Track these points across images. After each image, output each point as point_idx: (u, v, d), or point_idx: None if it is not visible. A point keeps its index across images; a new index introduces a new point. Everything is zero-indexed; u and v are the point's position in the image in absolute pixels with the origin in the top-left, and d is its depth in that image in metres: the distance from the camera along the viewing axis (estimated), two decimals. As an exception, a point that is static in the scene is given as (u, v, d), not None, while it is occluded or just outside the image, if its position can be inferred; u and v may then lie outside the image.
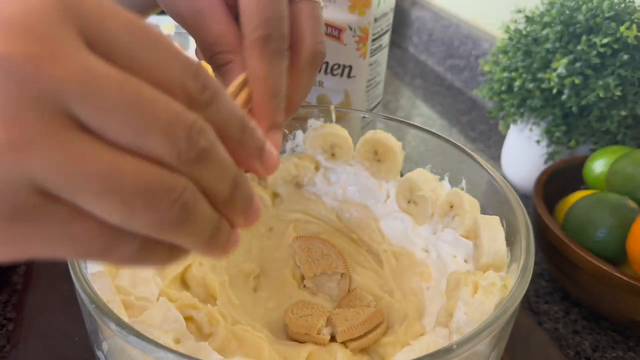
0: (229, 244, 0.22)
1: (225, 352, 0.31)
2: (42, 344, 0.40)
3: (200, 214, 0.19)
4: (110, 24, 0.18)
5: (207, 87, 0.20)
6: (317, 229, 0.43)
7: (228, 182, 0.20)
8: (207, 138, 0.19)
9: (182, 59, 0.19)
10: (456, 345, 0.26)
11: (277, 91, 0.31)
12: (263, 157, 0.23)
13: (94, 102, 0.17)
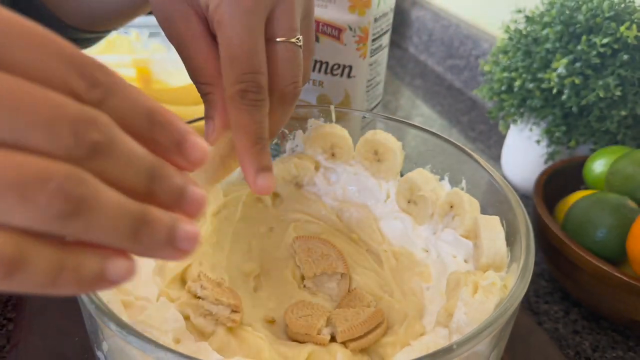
0: (179, 240, 0.20)
1: (225, 352, 0.31)
2: (42, 343, 0.40)
3: (103, 205, 0.17)
4: None
5: (96, 85, 0.18)
6: (317, 229, 0.43)
7: (140, 174, 0.19)
8: (100, 131, 0.17)
9: (68, 56, 0.18)
10: (456, 345, 0.26)
11: (258, 138, 0.31)
12: (183, 150, 0.21)
13: None
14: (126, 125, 0.19)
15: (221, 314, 0.32)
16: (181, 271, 0.36)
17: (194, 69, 0.34)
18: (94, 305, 0.27)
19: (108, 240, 0.18)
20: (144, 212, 0.19)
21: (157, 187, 0.19)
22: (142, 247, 0.19)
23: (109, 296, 0.30)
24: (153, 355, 0.25)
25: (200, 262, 0.37)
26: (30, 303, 0.44)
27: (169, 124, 0.20)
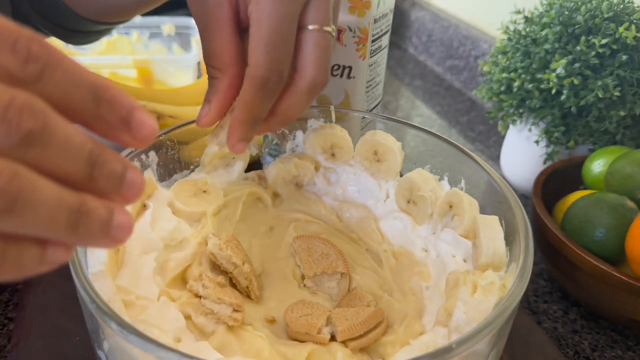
0: (113, 229, 0.19)
1: (226, 351, 0.31)
2: (43, 343, 0.40)
3: (39, 200, 0.17)
4: None
5: (32, 59, 0.17)
6: (317, 229, 0.44)
7: (79, 161, 0.18)
8: (34, 118, 0.16)
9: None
10: (455, 345, 0.26)
11: (256, 118, 0.33)
12: (131, 128, 0.20)
13: None
14: (67, 102, 0.18)
15: (223, 313, 0.32)
16: (182, 271, 0.36)
17: (211, 52, 0.35)
18: (94, 304, 0.27)
19: (45, 234, 0.17)
20: (80, 204, 0.18)
21: (96, 173, 0.18)
22: (78, 238, 0.18)
23: (109, 296, 0.30)
24: (154, 354, 0.25)
25: (201, 262, 0.37)
26: (31, 303, 0.44)
27: (114, 100, 0.19)
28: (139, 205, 0.39)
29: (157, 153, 0.42)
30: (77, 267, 0.29)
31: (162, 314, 0.31)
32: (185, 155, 0.45)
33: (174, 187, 0.42)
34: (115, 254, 0.34)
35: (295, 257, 0.40)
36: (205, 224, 0.40)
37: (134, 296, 0.32)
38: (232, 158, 0.46)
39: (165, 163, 0.44)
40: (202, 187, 0.42)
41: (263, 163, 0.52)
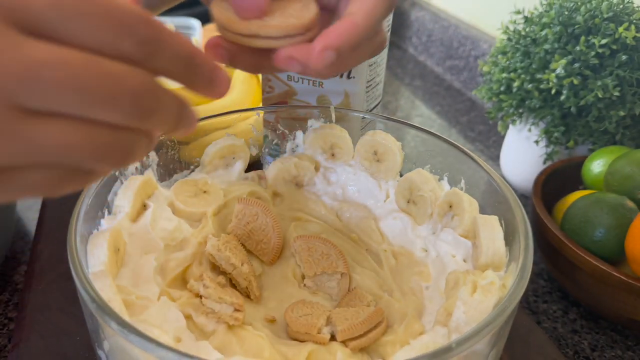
0: (219, 82, 0.25)
1: (226, 351, 0.31)
2: (43, 343, 0.41)
3: (167, 102, 0.22)
4: (35, 5, 0.18)
5: (145, 42, 0.20)
6: (317, 229, 0.44)
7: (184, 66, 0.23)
8: (155, 97, 0.21)
9: (116, 19, 0.20)
10: (455, 344, 0.26)
11: (360, 40, 0.32)
12: (214, 85, 0.25)
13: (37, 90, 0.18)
14: (169, 71, 0.22)
15: (224, 313, 0.32)
16: (182, 271, 0.36)
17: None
18: (95, 304, 0.27)
19: (162, 130, 0.23)
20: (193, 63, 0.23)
21: (196, 77, 0.24)
22: (198, 82, 0.24)
23: (110, 295, 0.30)
24: (154, 354, 0.25)
25: (201, 262, 0.37)
26: (31, 303, 0.44)
27: (203, 64, 0.24)
28: (140, 205, 0.39)
29: (157, 153, 0.42)
30: (78, 267, 0.29)
31: (163, 314, 0.31)
32: (186, 155, 0.45)
33: (174, 187, 0.42)
34: (116, 254, 0.34)
35: (295, 256, 0.41)
36: (205, 224, 0.40)
37: (134, 296, 0.32)
38: (232, 158, 0.46)
39: (166, 163, 0.44)
40: (203, 187, 0.43)
41: (263, 163, 0.52)
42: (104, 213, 0.37)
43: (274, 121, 0.50)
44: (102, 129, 0.20)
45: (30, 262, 0.49)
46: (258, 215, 0.41)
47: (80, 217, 0.33)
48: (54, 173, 0.21)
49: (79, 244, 0.31)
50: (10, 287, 0.51)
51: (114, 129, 0.21)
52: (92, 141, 0.20)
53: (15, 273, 0.52)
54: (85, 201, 0.34)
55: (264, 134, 0.51)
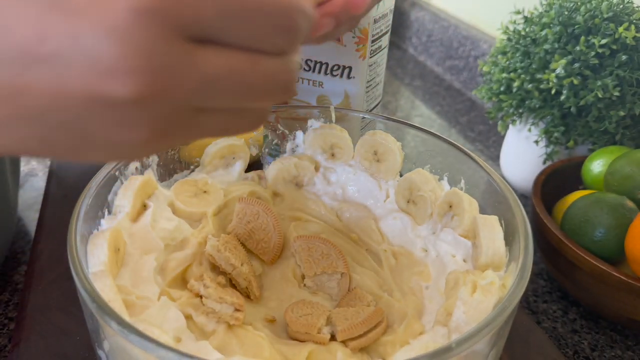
0: None
1: (226, 351, 0.31)
2: (44, 343, 0.41)
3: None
4: (205, 16, 0.20)
5: (291, 31, 0.22)
6: (317, 229, 0.44)
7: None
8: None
9: (271, 18, 0.21)
10: (455, 344, 0.26)
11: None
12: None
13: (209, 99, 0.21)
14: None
15: (224, 312, 0.32)
16: (182, 271, 0.36)
17: None
18: (95, 304, 0.27)
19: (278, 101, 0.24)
20: None
21: None
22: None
23: (110, 295, 0.30)
24: (154, 354, 0.25)
25: (201, 262, 0.37)
26: (32, 303, 0.44)
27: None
28: (140, 205, 0.39)
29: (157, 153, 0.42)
30: (78, 267, 0.29)
31: (163, 314, 0.31)
32: (186, 155, 0.45)
33: (174, 187, 0.42)
34: (116, 254, 0.34)
35: (295, 257, 0.41)
36: (205, 224, 0.40)
37: (134, 296, 0.32)
38: (232, 158, 0.46)
39: (166, 163, 0.44)
40: (203, 187, 0.43)
41: (263, 163, 0.52)
42: (104, 213, 0.37)
43: (274, 121, 0.50)
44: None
45: (30, 262, 0.49)
46: (259, 214, 0.41)
47: (80, 217, 0.33)
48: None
49: (79, 244, 0.31)
50: (10, 287, 0.51)
51: None
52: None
53: (15, 273, 0.52)
54: (85, 201, 0.34)
55: (264, 134, 0.51)
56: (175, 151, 0.44)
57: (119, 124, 0.21)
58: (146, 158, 0.42)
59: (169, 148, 0.25)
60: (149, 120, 0.21)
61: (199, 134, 0.23)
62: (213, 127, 0.23)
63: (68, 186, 0.59)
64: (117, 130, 0.21)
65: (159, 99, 0.20)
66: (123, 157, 0.23)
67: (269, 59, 0.22)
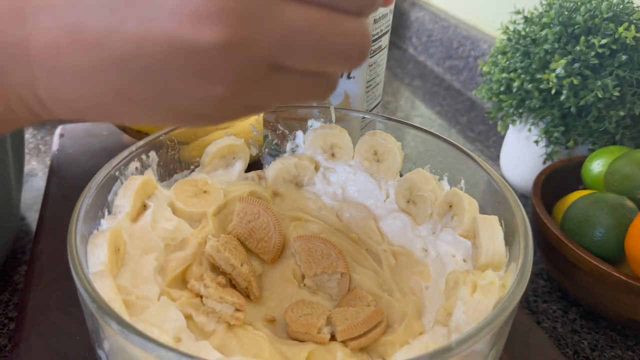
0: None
1: (226, 351, 0.31)
2: (44, 343, 0.41)
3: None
4: None
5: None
6: (317, 229, 0.44)
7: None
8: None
9: None
10: (455, 344, 0.26)
11: None
12: None
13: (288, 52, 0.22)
14: None
15: (225, 312, 0.32)
16: (182, 271, 0.36)
17: None
18: (95, 304, 0.27)
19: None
20: None
21: None
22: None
23: (110, 295, 0.30)
24: (154, 353, 0.25)
25: (201, 262, 0.37)
26: (32, 303, 0.44)
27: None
28: (140, 205, 0.39)
29: (157, 153, 0.42)
30: (78, 267, 0.29)
31: (163, 314, 0.31)
32: (186, 155, 0.45)
33: (174, 187, 0.42)
34: (116, 254, 0.34)
35: (295, 257, 0.41)
36: (205, 224, 0.40)
37: (134, 296, 0.32)
38: (232, 158, 0.46)
39: (166, 163, 0.44)
40: (203, 187, 0.43)
41: (263, 163, 0.52)
42: (104, 213, 0.37)
43: (274, 121, 0.50)
44: None
45: (30, 262, 0.49)
46: (259, 213, 0.41)
47: (80, 217, 0.33)
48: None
49: (79, 244, 0.31)
50: (10, 287, 0.51)
51: None
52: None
53: (15, 273, 0.52)
54: (85, 201, 0.34)
55: (264, 134, 0.51)
56: (175, 151, 0.44)
57: (199, 75, 0.21)
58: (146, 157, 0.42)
59: (241, 113, 0.24)
60: (229, 73, 0.21)
61: (273, 96, 0.23)
62: (287, 89, 0.23)
63: (68, 186, 0.59)
64: (197, 83, 0.21)
65: (243, 48, 0.20)
66: (194, 118, 0.23)
67: (347, 18, 0.22)
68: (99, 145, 0.67)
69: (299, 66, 0.22)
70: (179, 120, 0.24)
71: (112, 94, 0.22)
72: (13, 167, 0.53)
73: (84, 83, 0.22)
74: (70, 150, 0.65)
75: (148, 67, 0.21)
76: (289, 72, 0.23)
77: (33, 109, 0.24)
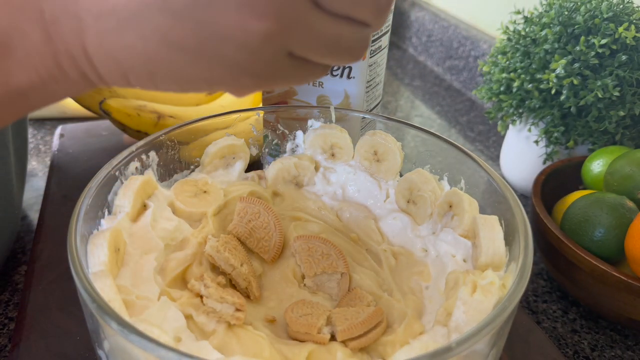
0: None
1: (226, 351, 0.31)
2: (44, 343, 0.41)
3: None
4: None
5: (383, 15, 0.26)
6: (317, 229, 0.44)
7: None
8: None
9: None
10: (455, 344, 0.26)
11: None
12: None
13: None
14: None
15: (225, 312, 0.32)
16: (182, 271, 0.36)
17: None
18: (95, 304, 0.27)
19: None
20: None
21: None
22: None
23: (110, 295, 0.30)
24: (154, 353, 0.25)
25: (201, 262, 0.37)
26: (32, 303, 0.44)
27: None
28: (140, 205, 0.39)
29: (157, 153, 0.43)
30: (78, 267, 0.29)
31: (163, 314, 0.31)
32: (186, 155, 0.45)
33: (174, 187, 0.42)
34: (116, 254, 0.34)
35: (295, 257, 0.41)
36: (205, 224, 0.40)
37: (134, 296, 0.32)
38: (232, 158, 0.46)
39: (166, 163, 0.44)
40: (203, 187, 0.43)
41: (263, 163, 0.52)
42: (104, 213, 0.37)
43: (274, 121, 0.50)
44: None
45: (30, 262, 0.49)
46: (260, 213, 0.41)
47: (80, 217, 0.33)
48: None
49: (79, 244, 0.31)
50: (10, 287, 0.51)
51: None
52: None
53: (15, 273, 0.52)
54: (85, 201, 0.34)
55: (264, 134, 0.51)
56: (175, 151, 0.44)
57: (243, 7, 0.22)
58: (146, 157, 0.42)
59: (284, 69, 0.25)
60: (272, 5, 0.22)
61: (315, 40, 0.24)
62: (328, 33, 0.25)
63: (68, 186, 0.59)
64: (241, 17, 0.22)
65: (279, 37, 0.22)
66: (238, 73, 0.24)
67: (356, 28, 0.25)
68: (99, 145, 0.67)
69: (337, 7, 0.24)
70: (222, 76, 0.25)
71: (156, 38, 0.22)
72: (15, 167, 0.53)
73: (129, 27, 0.22)
74: (70, 150, 0.65)
75: (191, 5, 0.21)
76: (328, 14, 0.24)
77: (80, 66, 0.24)
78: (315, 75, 0.27)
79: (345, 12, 0.24)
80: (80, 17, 0.23)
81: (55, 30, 0.24)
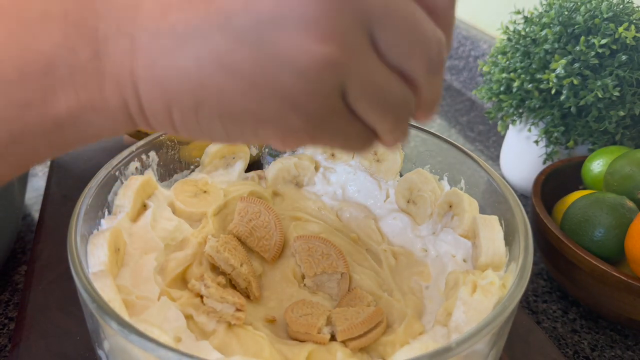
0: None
1: (226, 351, 0.31)
2: (44, 343, 0.41)
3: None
4: (389, 26, 0.21)
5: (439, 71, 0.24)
6: (317, 229, 0.44)
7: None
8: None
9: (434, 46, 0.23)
10: (455, 344, 0.26)
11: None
12: None
13: (388, 26, 0.21)
14: None
15: (226, 312, 0.32)
16: (182, 271, 0.36)
17: None
18: (95, 304, 0.27)
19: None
20: None
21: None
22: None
23: (110, 295, 0.30)
24: (154, 353, 0.25)
25: (201, 262, 0.37)
26: (32, 303, 0.44)
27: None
28: (140, 205, 0.39)
29: (157, 153, 0.43)
30: (78, 267, 0.29)
31: (163, 314, 0.31)
32: (186, 155, 0.45)
33: (174, 187, 0.42)
34: (116, 254, 0.34)
35: (295, 256, 0.41)
36: (205, 224, 0.40)
37: (134, 296, 0.32)
38: (232, 158, 0.46)
39: (166, 163, 0.44)
40: (203, 187, 0.43)
41: (263, 163, 0.52)
42: (104, 213, 0.37)
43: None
44: None
45: (30, 262, 0.49)
46: (260, 212, 0.41)
47: (80, 217, 0.33)
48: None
49: (79, 244, 0.31)
50: (10, 287, 0.51)
51: None
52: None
53: (15, 273, 0.52)
54: (85, 201, 0.34)
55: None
56: (175, 151, 0.44)
57: (306, 28, 0.20)
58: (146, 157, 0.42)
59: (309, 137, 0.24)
60: (339, 28, 0.21)
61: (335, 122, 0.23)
62: (344, 128, 0.23)
63: (68, 186, 0.59)
64: (303, 38, 0.21)
65: (338, 67, 0.21)
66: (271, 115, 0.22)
67: (403, 87, 0.23)
68: (99, 145, 0.67)
69: (393, 53, 0.22)
70: (272, 110, 0.22)
71: (211, 59, 0.21)
72: None
73: (185, 47, 0.21)
74: (70, 150, 0.65)
75: (253, 25, 0.20)
76: (382, 60, 0.23)
77: (123, 92, 0.23)
78: (359, 139, 0.24)
79: (399, 60, 0.22)
80: (134, 37, 0.22)
81: (105, 49, 0.22)
